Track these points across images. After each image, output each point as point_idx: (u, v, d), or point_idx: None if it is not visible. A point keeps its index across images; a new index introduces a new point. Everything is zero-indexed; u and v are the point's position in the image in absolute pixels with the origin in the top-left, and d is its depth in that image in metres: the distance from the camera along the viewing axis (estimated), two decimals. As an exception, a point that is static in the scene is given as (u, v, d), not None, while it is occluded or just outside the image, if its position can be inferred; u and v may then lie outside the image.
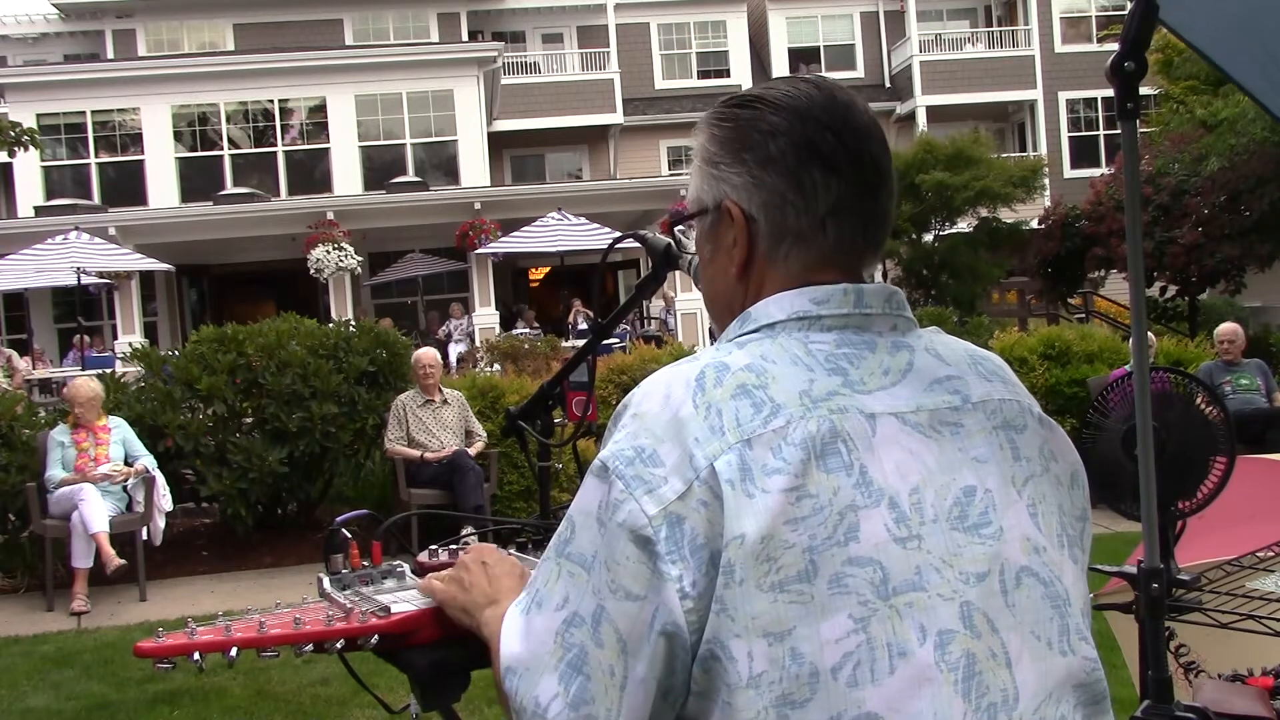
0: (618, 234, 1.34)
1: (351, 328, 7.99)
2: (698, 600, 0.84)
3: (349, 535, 1.42)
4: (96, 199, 19.11)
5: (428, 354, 7.53)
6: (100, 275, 15.79)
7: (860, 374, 0.93)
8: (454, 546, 1.56)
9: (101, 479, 6.44)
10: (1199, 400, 2.16)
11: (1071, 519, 0.99)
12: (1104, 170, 21.08)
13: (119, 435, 6.71)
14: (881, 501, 0.88)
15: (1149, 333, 8.85)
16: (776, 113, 1.00)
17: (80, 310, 16.75)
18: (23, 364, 14.31)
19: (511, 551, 1.40)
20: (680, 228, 1.11)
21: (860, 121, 1.01)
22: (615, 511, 0.87)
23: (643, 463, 0.88)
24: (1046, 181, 19.85)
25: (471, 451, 7.22)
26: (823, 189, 0.98)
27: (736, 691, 0.83)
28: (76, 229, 15.40)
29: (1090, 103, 24.70)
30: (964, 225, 17.78)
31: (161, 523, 6.74)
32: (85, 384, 6.74)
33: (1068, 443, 1.03)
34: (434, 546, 1.56)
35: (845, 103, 1.01)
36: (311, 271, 16.67)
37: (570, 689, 0.88)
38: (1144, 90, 1.57)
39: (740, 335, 0.97)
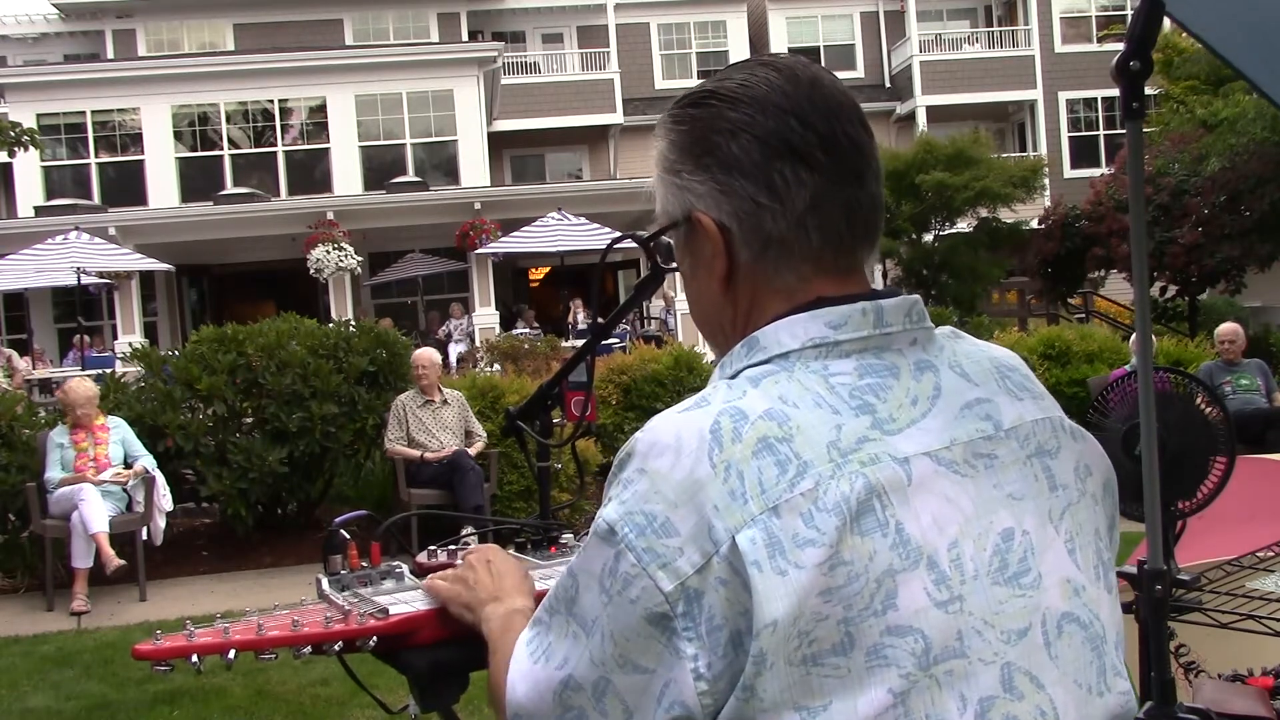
0: (617, 234, 1.31)
1: (351, 328, 7.99)
2: (713, 683, 0.78)
3: (348, 536, 1.42)
4: (96, 199, 19.12)
5: (424, 354, 7.54)
6: (100, 275, 15.80)
7: (888, 408, 0.85)
8: (453, 547, 1.56)
9: (110, 480, 6.45)
10: (1199, 400, 2.16)
11: (1108, 538, 0.96)
12: (1104, 170, 21.08)
13: (118, 435, 6.70)
14: (920, 562, 0.81)
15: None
16: (734, 107, 0.91)
17: (80, 310, 16.75)
18: (23, 364, 14.32)
19: (510, 552, 1.40)
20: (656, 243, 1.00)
21: (827, 97, 0.91)
22: (627, 587, 0.80)
23: (655, 533, 0.80)
24: (1046, 181, 19.85)
25: (471, 451, 7.22)
26: (795, 185, 0.89)
27: None
28: (76, 229, 15.41)
29: (1090, 103, 24.70)
30: (964, 225, 17.79)
31: (161, 523, 6.74)
32: (82, 385, 6.73)
33: (1099, 450, 0.98)
34: (433, 547, 1.56)
35: (809, 79, 0.91)
36: (311, 271, 16.68)
37: None
38: (1145, 90, 1.56)
39: (749, 366, 0.88)
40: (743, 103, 0.91)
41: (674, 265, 1.01)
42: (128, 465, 6.63)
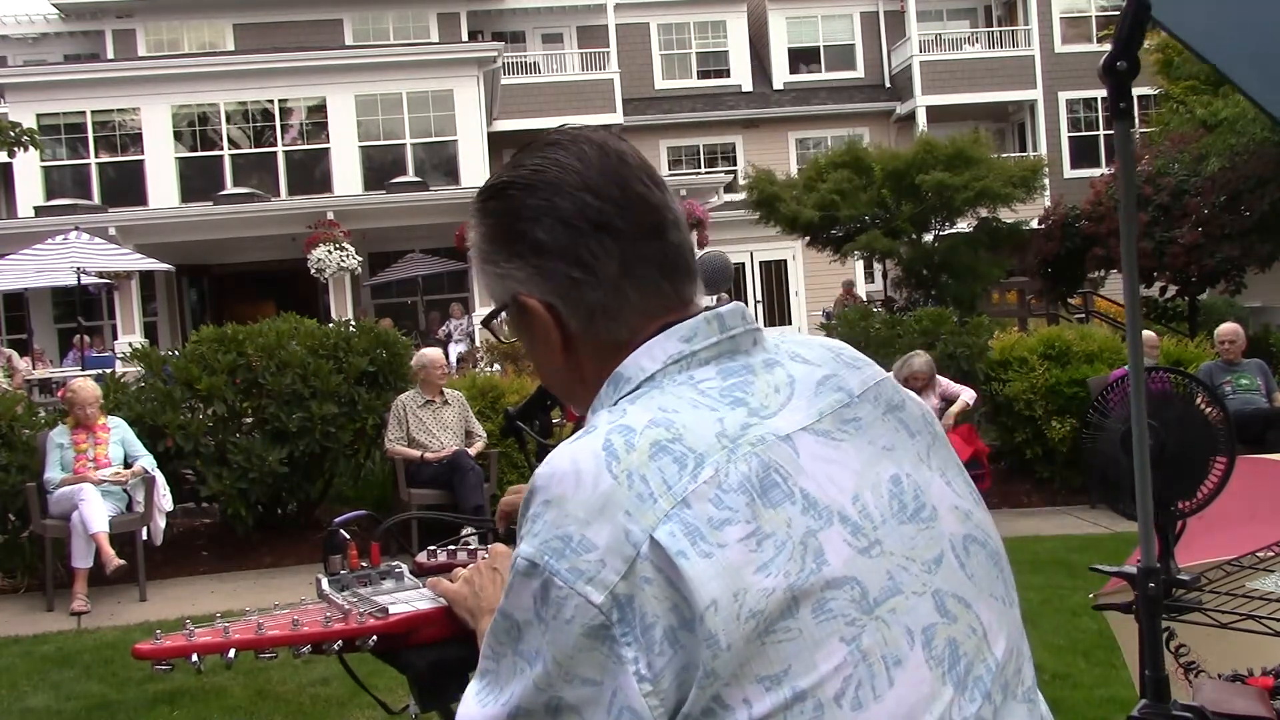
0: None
1: (351, 328, 7.99)
2: (655, 683, 0.80)
3: (348, 536, 1.42)
4: (96, 199, 19.11)
5: (437, 356, 7.55)
6: (100, 275, 15.79)
7: (758, 400, 0.92)
8: (453, 547, 1.56)
9: (109, 480, 6.45)
10: (1199, 400, 2.15)
11: (964, 469, 1.03)
12: (1104, 170, 21.06)
13: (118, 435, 6.70)
14: (833, 519, 0.87)
15: (1151, 333, 8.75)
16: (532, 194, 0.97)
17: (80, 310, 16.73)
18: (23, 364, 14.31)
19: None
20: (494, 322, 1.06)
21: (615, 165, 0.98)
22: (560, 609, 0.82)
23: (573, 551, 0.82)
24: (1046, 181, 19.82)
25: (471, 451, 7.22)
26: (604, 254, 0.95)
27: None
28: (76, 229, 15.39)
29: (1090, 103, 24.69)
30: (964, 225, 17.76)
31: (161, 523, 6.74)
32: (89, 385, 6.75)
33: (926, 405, 1.06)
34: (433, 547, 1.56)
35: (596, 151, 0.98)
36: (312, 271, 16.69)
37: None
38: (1144, 90, 1.58)
39: (621, 397, 0.94)
40: (539, 188, 0.97)
41: (515, 341, 1.07)
42: (128, 465, 6.63)
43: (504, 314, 1.04)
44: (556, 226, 0.96)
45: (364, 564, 1.41)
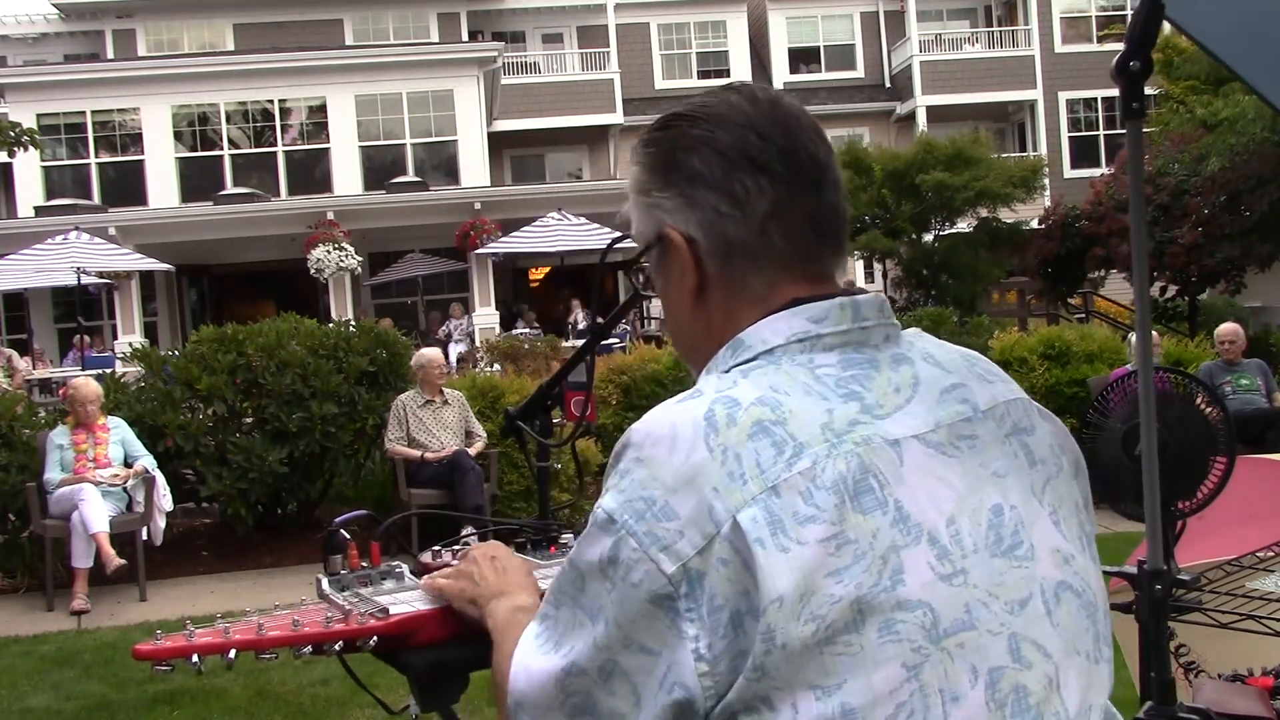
0: (617, 234, 1.31)
1: (351, 328, 7.99)
2: (713, 664, 0.79)
3: (348, 536, 1.42)
4: (96, 199, 19.12)
5: (436, 356, 7.55)
6: (100, 275, 15.80)
7: (875, 396, 0.88)
8: (457, 547, 1.56)
9: (107, 481, 6.45)
10: (1199, 400, 2.16)
11: (1086, 513, 0.99)
12: (1104, 170, 21.07)
13: (118, 435, 6.70)
14: (921, 538, 0.83)
15: (1153, 333, 8.80)
16: (695, 125, 0.96)
17: (80, 310, 16.75)
18: (23, 364, 14.31)
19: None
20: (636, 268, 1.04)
21: (786, 115, 0.96)
22: (629, 572, 0.82)
23: (654, 517, 0.81)
24: (1046, 181, 19.83)
25: (471, 451, 7.22)
26: (755, 192, 0.93)
27: None
28: (76, 229, 15.42)
29: (1090, 103, 24.70)
30: (964, 225, 17.78)
31: (162, 523, 6.74)
32: (89, 384, 6.75)
33: (1066, 431, 1.01)
34: (437, 547, 1.56)
35: (769, 100, 0.97)
36: (312, 271, 16.70)
37: None
38: (1145, 90, 1.56)
39: (736, 364, 0.92)
40: (703, 120, 0.96)
41: (652, 292, 1.05)
42: (128, 465, 6.63)
43: (648, 257, 1.01)
44: (713, 157, 0.94)
45: (364, 564, 1.41)
